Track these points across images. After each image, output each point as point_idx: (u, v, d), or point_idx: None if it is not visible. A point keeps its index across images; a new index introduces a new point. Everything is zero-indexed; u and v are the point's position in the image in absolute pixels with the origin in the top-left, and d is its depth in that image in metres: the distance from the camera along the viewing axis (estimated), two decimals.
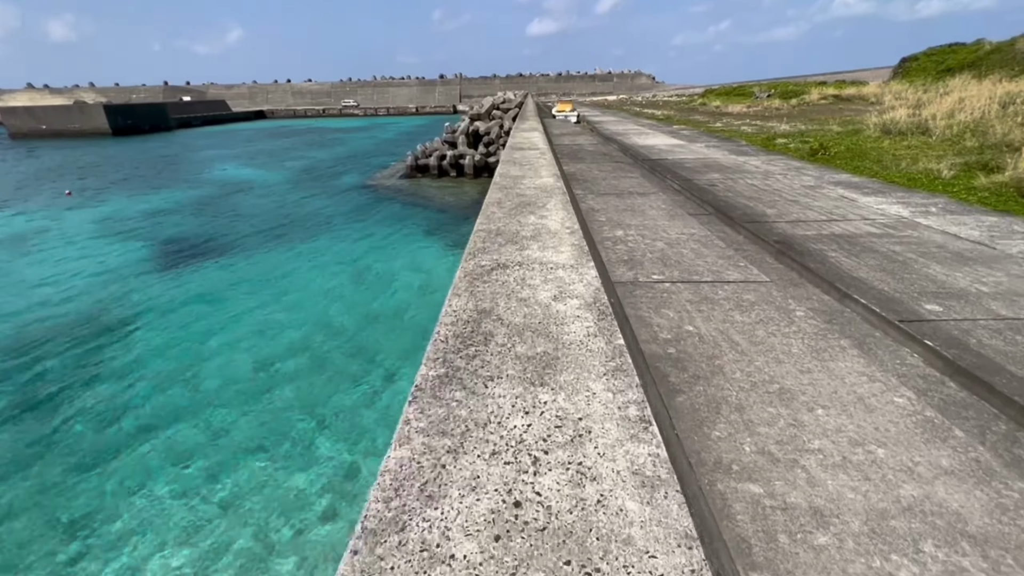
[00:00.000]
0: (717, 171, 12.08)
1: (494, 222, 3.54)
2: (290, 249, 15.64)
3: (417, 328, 10.59)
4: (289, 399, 8.89)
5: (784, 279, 4.99)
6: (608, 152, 14.95)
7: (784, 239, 6.80)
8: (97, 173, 34.37)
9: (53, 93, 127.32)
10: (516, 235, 3.73)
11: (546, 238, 3.74)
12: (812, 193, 9.63)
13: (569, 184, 8.81)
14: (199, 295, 12.91)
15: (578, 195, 8.08)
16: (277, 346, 10.28)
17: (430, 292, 12.16)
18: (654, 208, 7.33)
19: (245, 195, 25.02)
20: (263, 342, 10.44)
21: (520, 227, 3.91)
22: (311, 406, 8.57)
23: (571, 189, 8.71)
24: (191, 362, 9.97)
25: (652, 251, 5.34)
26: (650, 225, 6.34)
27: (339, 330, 10.85)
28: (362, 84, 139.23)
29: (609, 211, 7.12)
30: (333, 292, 12.67)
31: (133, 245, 17.12)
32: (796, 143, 16.12)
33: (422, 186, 25.18)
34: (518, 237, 3.71)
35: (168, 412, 8.66)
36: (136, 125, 73.46)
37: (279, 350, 10.12)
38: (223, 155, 44.35)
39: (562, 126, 24.38)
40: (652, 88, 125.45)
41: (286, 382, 9.42)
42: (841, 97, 40.52)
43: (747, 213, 8.19)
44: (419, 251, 15.11)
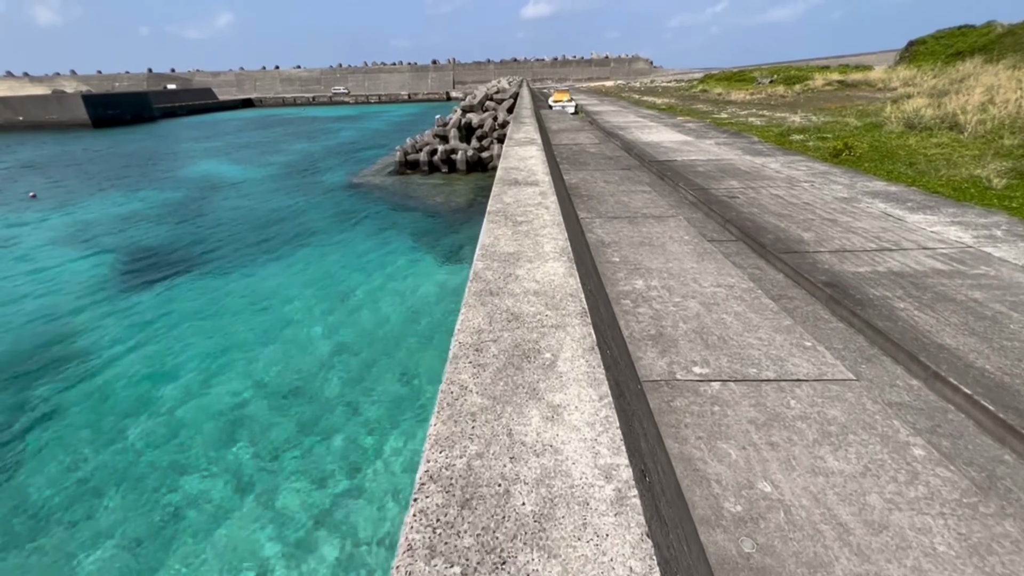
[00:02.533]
0: (734, 177, 10.86)
1: (479, 376, 2.14)
2: (262, 265, 14.32)
3: (397, 374, 9.40)
4: None
5: (853, 351, 3.82)
6: (612, 154, 13.65)
7: (834, 280, 5.62)
8: (69, 170, 32.69)
9: (33, 82, 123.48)
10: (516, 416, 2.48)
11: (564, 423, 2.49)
12: (849, 209, 8.43)
13: (573, 205, 7.58)
14: (154, 322, 11.64)
15: (584, 220, 6.86)
16: (225, 397, 9.05)
17: (415, 320, 10.97)
18: (676, 240, 6.13)
19: (222, 196, 23.55)
20: (216, 387, 9.23)
21: (520, 404, 2.65)
22: None
23: (575, 210, 7.48)
24: (132, 409, 8.77)
25: (685, 316, 4.15)
26: (676, 270, 5.13)
27: (305, 372, 9.65)
28: (353, 70, 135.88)
29: (622, 245, 5.91)
30: (306, 321, 11.43)
31: (93, 258, 15.75)
32: (814, 140, 14.87)
33: (411, 184, 23.78)
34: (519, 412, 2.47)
35: (98, 477, 7.44)
36: (118, 115, 70.90)
37: (227, 402, 8.90)
38: (205, 149, 42.54)
39: (560, 119, 22.97)
40: (650, 73, 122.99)
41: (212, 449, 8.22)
42: (846, 83, 39.06)
43: (780, 238, 7.01)
44: (404, 268, 13.84)
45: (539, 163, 5.42)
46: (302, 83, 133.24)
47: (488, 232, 2.97)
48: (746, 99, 34.87)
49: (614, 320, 4.08)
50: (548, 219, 3.24)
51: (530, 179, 4.52)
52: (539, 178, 4.58)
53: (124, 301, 12.71)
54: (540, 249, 2.58)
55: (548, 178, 4.56)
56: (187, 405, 8.85)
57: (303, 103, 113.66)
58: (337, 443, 7.78)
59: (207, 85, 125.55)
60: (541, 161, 5.51)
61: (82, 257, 15.84)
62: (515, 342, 1.76)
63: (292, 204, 21.13)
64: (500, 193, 3.99)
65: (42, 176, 30.77)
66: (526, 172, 4.86)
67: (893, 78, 36.17)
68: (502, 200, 3.73)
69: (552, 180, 4.55)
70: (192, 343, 10.65)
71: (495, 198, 3.82)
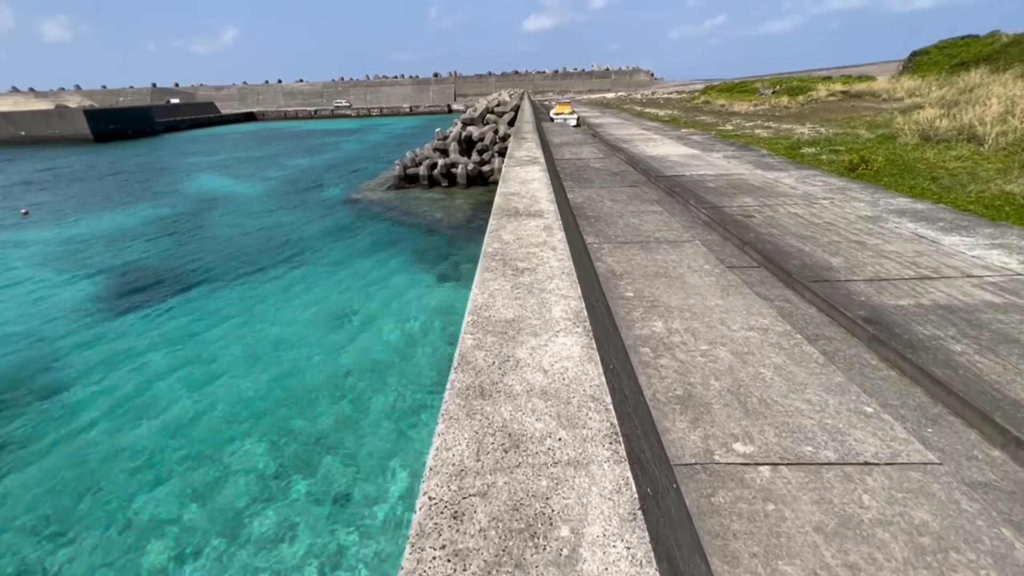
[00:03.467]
0: (747, 194, 10.28)
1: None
2: (254, 287, 13.74)
3: (392, 407, 8.78)
4: None
5: (913, 408, 3.19)
6: (617, 169, 13.11)
7: (875, 316, 5.00)
8: (66, 186, 32.36)
9: (38, 97, 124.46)
10: None
11: None
12: (876, 229, 7.83)
13: (579, 227, 7.00)
14: (141, 349, 11.06)
15: (592, 246, 6.27)
16: (203, 432, 8.44)
17: (412, 346, 10.37)
18: (695, 269, 5.53)
19: (218, 213, 23.07)
20: (195, 423, 8.62)
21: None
22: None
23: (582, 233, 6.90)
24: (105, 446, 8.17)
25: (716, 370, 3.53)
26: (699, 308, 4.52)
27: (297, 406, 9.04)
28: (355, 84, 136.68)
29: (636, 277, 5.31)
30: (295, 349, 10.83)
31: (80, 280, 15.21)
32: (827, 153, 14.32)
33: (411, 199, 23.27)
34: None
35: (61, 521, 6.84)
36: (119, 130, 70.97)
37: (205, 439, 8.29)
38: (204, 163, 42.26)
39: (562, 132, 22.53)
40: (651, 85, 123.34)
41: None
42: (850, 93, 38.71)
43: (806, 264, 6.40)
44: (402, 289, 13.25)
45: (542, 186, 4.84)
46: (304, 96, 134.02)
47: (482, 286, 2.38)
48: (750, 110, 34.49)
49: (632, 375, 3.47)
50: (556, 265, 2.65)
51: (533, 208, 3.93)
52: (543, 206, 3.99)
53: (106, 327, 12.14)
54: (548, 314, 2.00)
55: (554, 207, 3.97)
56: (166, 439, 8.23)
57: (305, 116, 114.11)
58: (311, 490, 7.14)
59: (210, 99, 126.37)
60: (544, 184, 4.92)
61: (68, 279, 15.32)
62: (514, 498, 1.15)
63: (288, 221, 20.63)
64: (498, 228, 3.40)
65: (37, 192, 30.42)
66: (528, 199, 4.27)
67: (898, 88, 35.80)
68: (500, 238, 3.14)
69: (558, 208, 3.97)
70: (173, 372, 10.05)
71: (492, 235, 3.23)
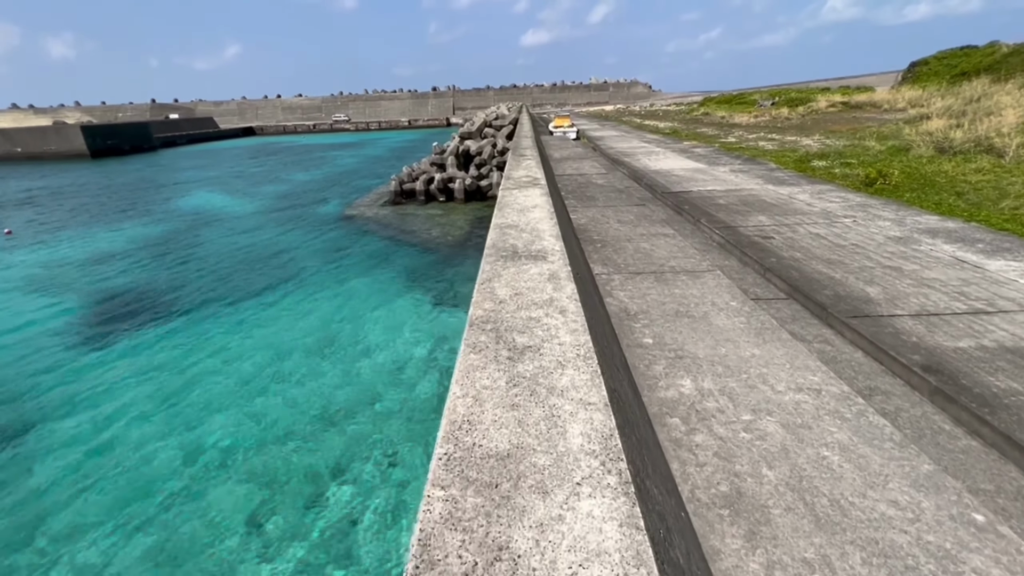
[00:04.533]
0: (762, 211, 9.62)
1: None
2: (241, 312, 12.99)
3: (377, 440, 8.02)
4: None
5: (1011, 494, 2.45)
6: (621, 186, 12.46)
7: (934, 362, 4.30)
8: (56, 203, 31.73)
9: (37, 113, 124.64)
10: None
11: None
12: (910, 253, 7.14)
13: (584, 254, 6.30)
14: (112, 383, 10.31)
15: (601, 277, 5.57)
16: (167, 476, 7.68)
17: (402, 372, 9.63)
18: (720, 307, 4.82)
19: (209, 231, 22.39)
20: (156, 462, 7.86)
21: None
22: None
23: (588, 261, 6.21)
24: (63, 486, 7.41)
25: (767, 453, 2.81)
26: (732, 360, 3.81)
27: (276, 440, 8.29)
28: (353, 98, 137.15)
29: (653, 317, 4.60)
30: (281, 380, 10.10)
31: (60, 304, 14.48)
32: (839, 166, 13.70)
33: (407, 215, 22.61)
34: None
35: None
36: (116, 146, 70.61)
37: (167, 483, 7.53)
38: (200, 179, 41.72)
39: (562, 146, 21.98)
40: (649, 97, 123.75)
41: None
42: (851, 104, 38.41)
43: (840, 294, 5.70)
44: (395, 314, 12.53)
45: (545, 215, 4.14)
46: (303, 111, 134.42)
47: (465, 380, 1.68)
48: (751, 122, 34.10)
49: (662, 459, 2.73)
50: (568, 341, 1.94)
51: (534, 247, 3.23)
52: (546, 244, 3.28)
53: (79, 358, 11.39)
54: (561, 441, 1.31)
55: (559, 244, 3.27)
56: (127, 481, 7.46)
57: (304, 131, 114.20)
58: None
59: (209, 115, 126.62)
60: (547, 212, 4.23)
61: (47, 303, 14.59)
62: None
63: (278, 241, 19.94)
64: (491, 277, 2.70)
65: (25, 210, 29.78)
66: (528, 233, 3.57)
67: (899, 99, 35.47)
68: (493, 294, 2.43)
69: (564, 244, 3.26)
70: (145, 406, 9.29)
71: (483, 289, 2.52)
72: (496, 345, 1.96)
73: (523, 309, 2.29)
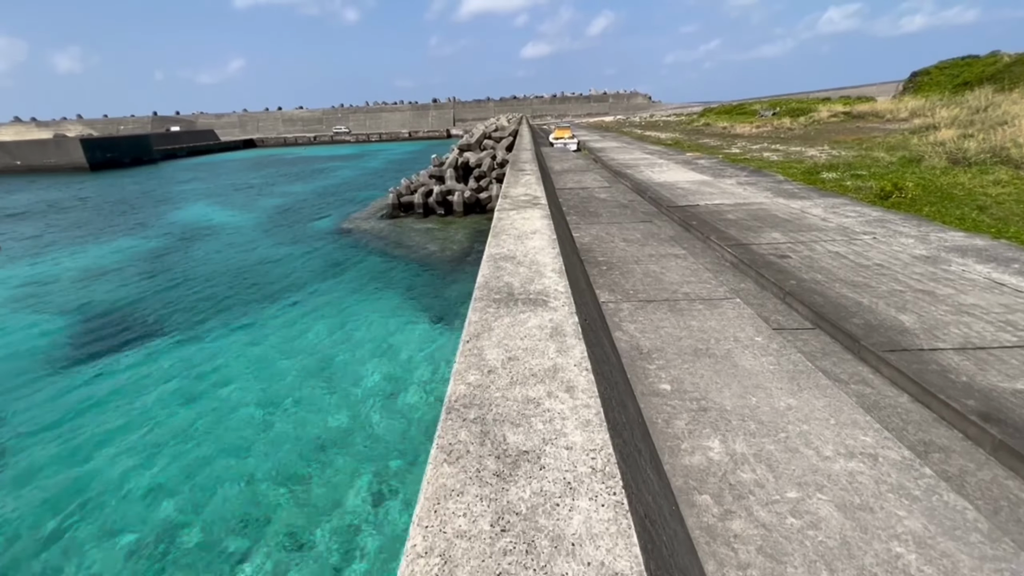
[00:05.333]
0: (774, 227, 9.11)
1: None
2: (228, 335, 12.43)
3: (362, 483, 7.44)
4: None
5: None
6: (625, 200, 11.98)
7: (992, 409, 3.77)
8: (49, 217, 31.34)
9: (39, 126, 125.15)
10: None
11: None
12: (940, 274, 6.60)
13: (589, 278, 5.77)
14: (92, 406, 9.78)
15: (608, 306, 5.04)
16: (131, 520, 7.12)
17: (397, 393, 9.08)
18: (744, 342, 4.28)
19: (202, 246, 21.91)
20: (125, 504, 7.30)
21: None
22: None
23: (592, 284, 5.68)
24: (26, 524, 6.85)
25: (823, 548, 2.25)
26: (766, 413, 3.26)
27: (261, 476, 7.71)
28: (354, 110, 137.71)
29: (669, 355, 4.06)
30: (266, 408, 9.54)
31: (44, 323, 13.98)
32: (850, 179, 13.22)
33: (404, 229, 22.13)
34: None
35: None
36: (116, 158, 70.52)
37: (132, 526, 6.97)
38: (197, 191, 41.38)
39: (562, 158, 21.57)
40: (649, 108, 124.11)
41: None
42: (852, 114, 38.16)
43: (871, 323, 5.17)
44: (389, 333, 11.99)
45: (546, 243, 3.61)
46: (304, 123, 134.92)
47: (429, 518, 1.15)
48: (753, 132, 33.79)
49: (692, 553, 2.18)
50: (578, 441, 1.41)
51: (533, 287, 2.70)
52: (548, 283, 2.75)
53: (59, 379, 10.85)
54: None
55: (563, 282, 2.74)
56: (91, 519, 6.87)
57: (304, 143, 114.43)
58: None
59: (210, 127, 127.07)
60: (548, 240, 3.70)
61: (28, 323, 14.07)
62: None
63: (272, 256, 19.45)
64: (480, 331, 2.17)
65: (17, 224, 29.38)
66: (527, 267, 3.04)
67: (901, 108, 35.21)
68: (481, 358, 1.90)
69: (570, 284, 2.73)
70: (117, 436, 8.72)
71: (468, 349, 1.99)
72: (480, 448, 1.42)
73: (518, 384, 1.75)
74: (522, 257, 3.28)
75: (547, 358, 1.94)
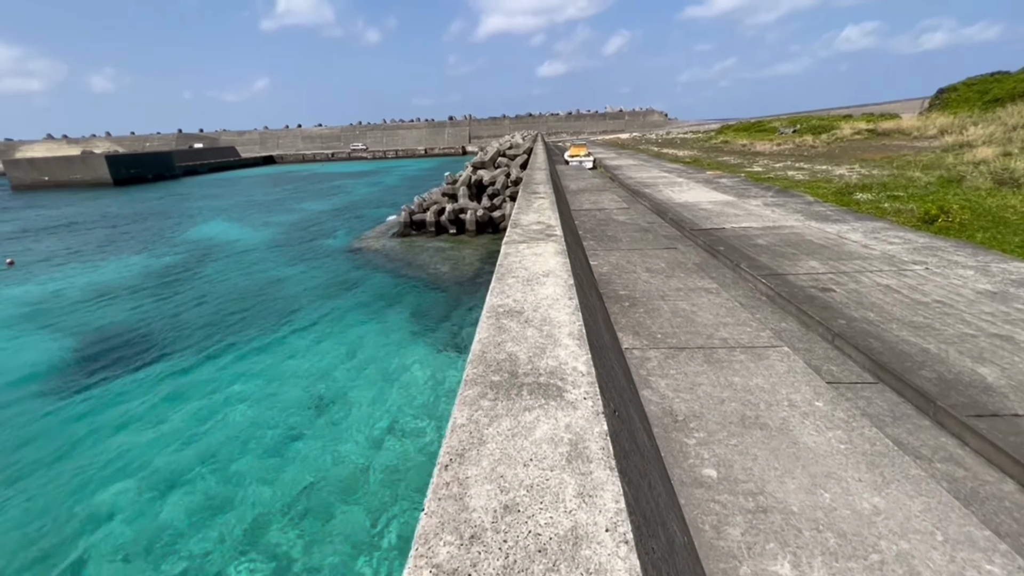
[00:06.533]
0: (811, 254, 8.33)
1: None
2: (230, 359, 11.90)
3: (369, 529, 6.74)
4: None
5: None
6: (645, 223, 11.29)
7: None
8: (67, 233, 31.66)
9: (70, 143, 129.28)
10: None
11: None
12: (1014, 314, 5.78)
13: (609, 316, 5.07)
14: (84, 435, 9.30)
15: (633, 354, 4.33)
16: None
17: (402, 436, 8.40)
18: (800, 407, 3.53)
19: (213, 263, 21.69)
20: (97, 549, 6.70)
21: None
22: None
23: (612, 324, 4.97)
24: None
25: None
26: (848, 523, 2.51)
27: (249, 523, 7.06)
28: (372, 127, 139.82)
29: (710, 424, 3.33)
30: (259, 442, 8.94)
31: (48, 343, 13.69)
32: (887, 200, 12.36)
33: (415, 248, 21.66)
34: None
35: None
36: (139, 174, 72.16)
37: None
38: (214, 207, 41.68)
39: (578, 176, 21.00)
40: (665, 125, 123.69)
41: None
42: (877, 131, 37.12)
43: (945, 377, 4.39)
44: (394, 359, 11.37)
45: (561, 292, 2.94)
46: (322, 140, 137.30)
47: None
48: (774, 150, 32.94)
49: None
50: None
51: (544, 363, 2.03)
52: (563, 357, 2.07)
53: (54, 403, 10.41)
54: None
55: (585, 355, 2.06)
56: None
57: (322, 159, 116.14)
58: None
59: (232, 144, 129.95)
60: (564, 287, 3.03)
61: (30, 343, 13.78)
62: None
63: (281, 275, 19.10)
64: (465, 447, 1.50)
65: (36, 240, 29.70)
66: (536, 330, 2.37)
67: (929, 126, 34.14)
68: (462, 500, 1.24)
69: (592, 362, 2.05)
70: (104, 467, 8.16)
71: (445, 483, 1.32)
72: None
73: (518, 559, 1.08)
74: (531, 312, 2.61)
75: (563, 506, 1.26)
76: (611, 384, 2.22)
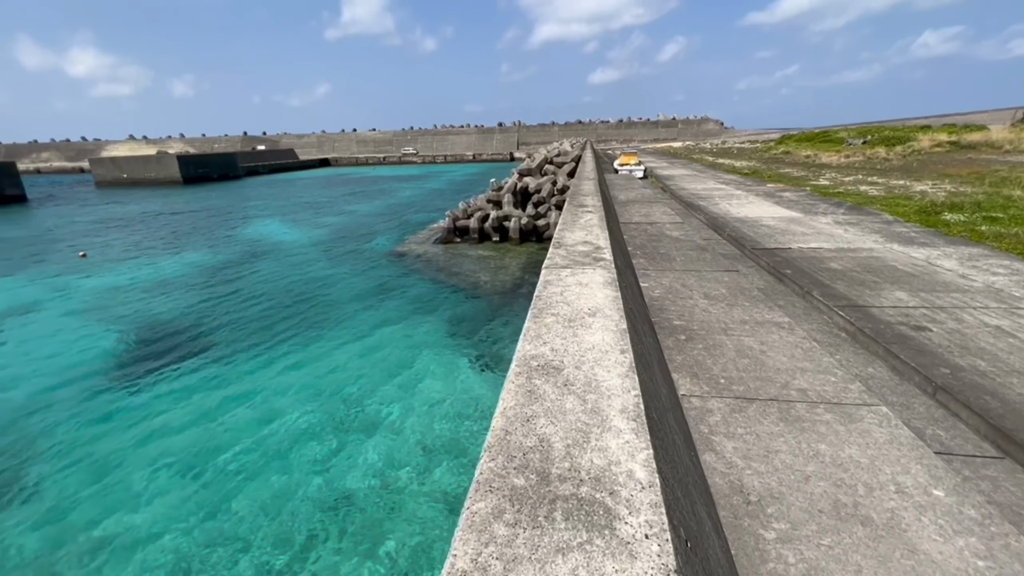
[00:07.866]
0: (896, 283, 7.29)
1: None
2: (261, 362, 12.00)
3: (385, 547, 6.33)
4: None
5: None
6: (701, 240, 10.42)
7: None
8: (136, 227, 33.64)
9: (149, 143, 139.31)
10: None
11: None
12: None
13: (662, 352, 4.41)
14: (124, 426, 9.48)
15: (692, 402, 3.67)
16: None
17: (431, 453, 8.00)
18: (910, 493, 2.78)
19: (262, 264, 22.30)
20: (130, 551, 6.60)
21: None
22: None
23: (667, 362, 4.31)
24: None
25: None
26: None
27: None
28: (423, 132, 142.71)
29: (792, 510, 2.65)
30: (283, 446, 8.75)
31: (107, 334, 14.32)
32: (985, 222, 10.93)
33: (458, 255, 21.43)
34: None
35: None
36: (206, 174, 76.74)
37: None
38: (269, 207, 43.34)
39: (627, 186, 20.15)
40: (721, 134, 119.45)
41: None
42: (961, 144, 34.06)
43: None
44: (430, 371, 11.04)
45: (612, 341, 2.37)
46: (375, 144, 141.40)
47: None
48: (842, 162, 30.77)
49: None
50: None
51: (585, 463, 1.47)
52: (614, 450, 1.52)
53: (96, 398, 10.72)
54: None
55: (647, 454, 1.50)
56: None
57: (374, 163, 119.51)
58: None
59: (291, 146, 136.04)
60: (615, 332, 2.46)
61: (90, 334, 14.46)
62: None
63: (325, 276, 19.36)
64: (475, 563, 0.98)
65: (109, 233, 31.73)
66: (578, 400, 1.82)
67: (1023, 139, 31.08)
68: None
69: (656, 466, 1.47)
70: (131, 470, 8.19)
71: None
72: None
73: None
74: (573, 369, 2.05)
75: None
76: (680, 491, 1.62)
